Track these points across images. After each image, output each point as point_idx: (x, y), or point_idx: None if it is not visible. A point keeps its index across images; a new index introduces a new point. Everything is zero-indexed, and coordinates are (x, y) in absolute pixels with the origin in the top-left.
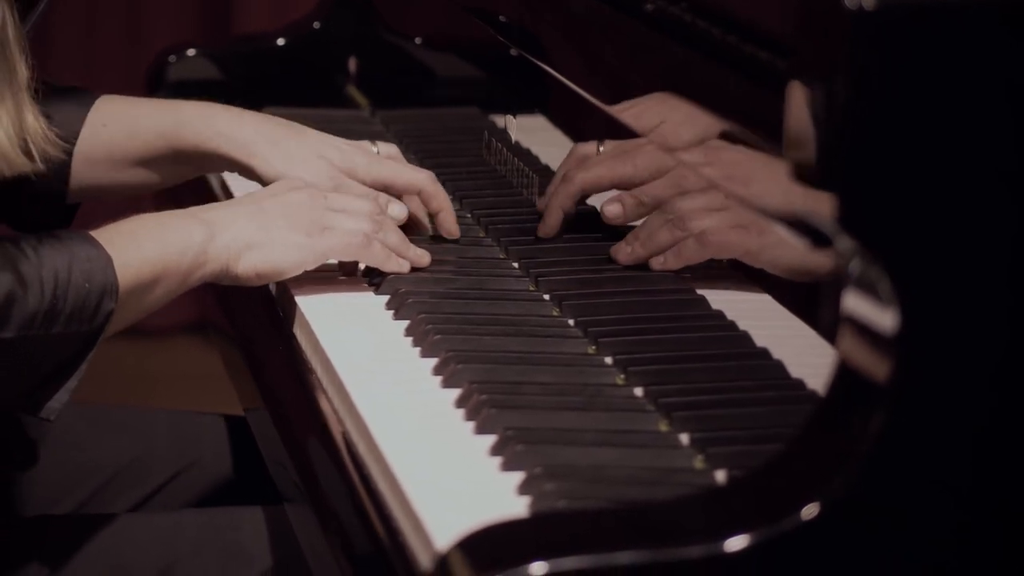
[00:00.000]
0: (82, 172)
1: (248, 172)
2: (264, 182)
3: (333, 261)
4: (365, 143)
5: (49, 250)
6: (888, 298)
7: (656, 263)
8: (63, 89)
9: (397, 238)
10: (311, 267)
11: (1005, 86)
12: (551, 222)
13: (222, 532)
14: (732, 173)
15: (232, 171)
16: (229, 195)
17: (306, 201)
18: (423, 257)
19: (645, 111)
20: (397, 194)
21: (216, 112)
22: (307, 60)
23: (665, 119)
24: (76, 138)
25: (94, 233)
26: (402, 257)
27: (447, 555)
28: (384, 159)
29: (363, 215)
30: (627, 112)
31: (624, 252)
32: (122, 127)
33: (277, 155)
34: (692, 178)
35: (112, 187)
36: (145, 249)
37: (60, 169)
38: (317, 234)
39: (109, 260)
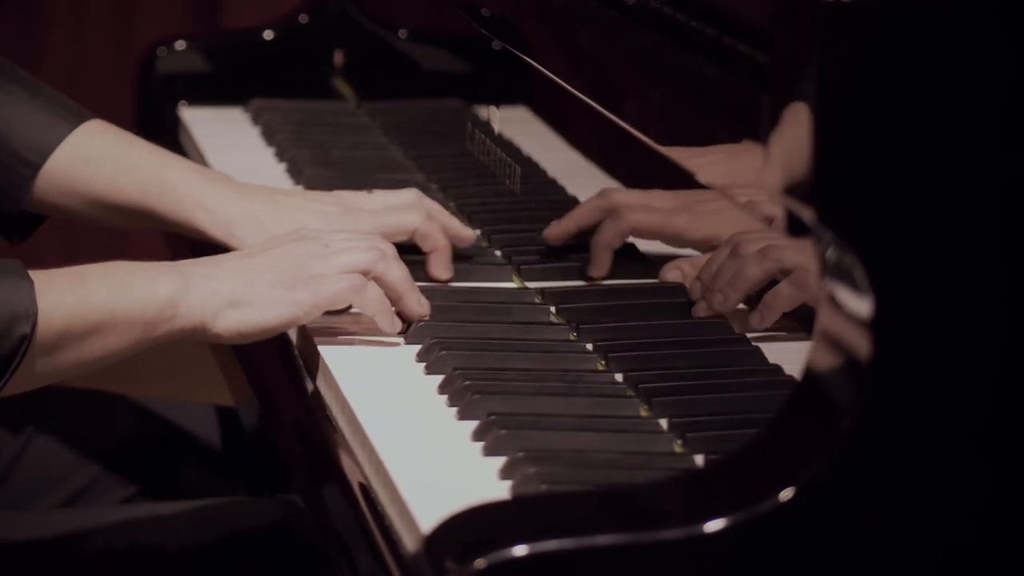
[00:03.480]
0: (49, 193)
1: (226, 248)
2: None
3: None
4: (362, 194)
5: None
6: (864, 286)
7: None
8: (51, 95)
9: (400, 274)
10: (305, 322)
11: (979, 78)
12: (602, 264)
13: (210, 520)
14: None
15: (208, 243)
16: None
17: (301, 251)
18: (423, 307)
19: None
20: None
21: (203, 182)
22: (294, 53)
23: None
24: (47, 155)
25: (38, 271)
26: (404, 296)
27: (430, 538)
28: (368, 213)
29: (363, 248)
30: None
31: (718, 301)
32: (105, 172)
33: (258, 236)
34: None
35: (79, 216)
36: (91, 293)
37: (19, 182)
38: (304, 285)
39: (30, 290)
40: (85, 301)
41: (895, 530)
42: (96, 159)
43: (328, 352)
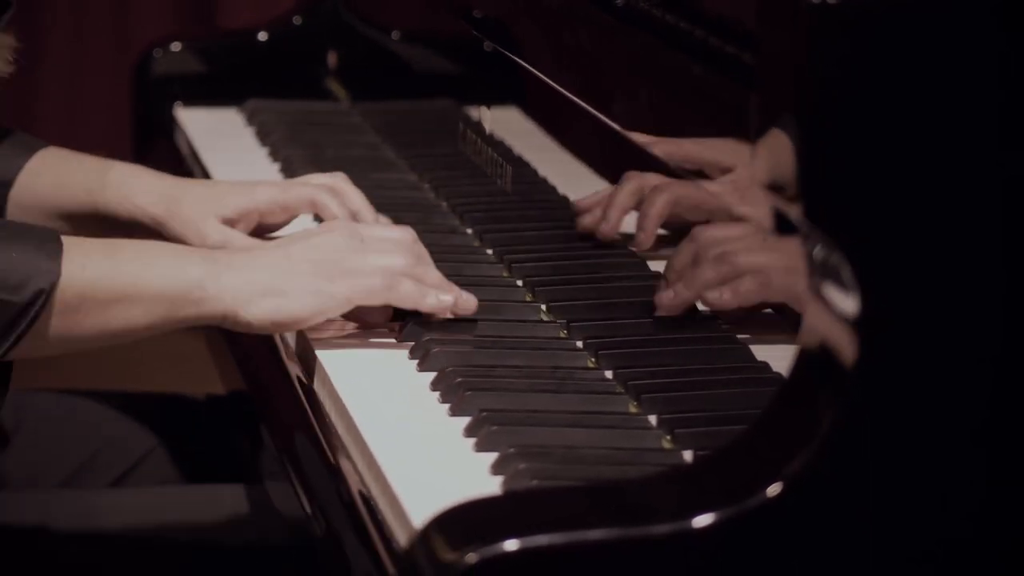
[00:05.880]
0: (16, 216)
1: (165, 233)
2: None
3: None
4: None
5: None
6: (850, 283)
7: (712, 297)
8: (10, 132)
9: (437, 276)
10: (334, 315)
11: (966, 76)
12: (651, 234)
13: (201, 508)
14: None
15: (150, 235)
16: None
17: (337, 243)
18: (469, 301)
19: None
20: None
21: (142, 171)
22: (288, 54)
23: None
24: (13, 181)
25: (75, 238)
26: (443, 296)
27: (423, 532)
28: (283, 184)
29: (398, 249)
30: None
31: (667, 297)
32: (53, 180)
33: (183, 219)
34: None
35: None
36: (120, 263)
37: None
38: (340, 278)
39: (56, 251)
40: (112, 269)
41: (885, 527)
42: (47, 170)
43: (323, 351)
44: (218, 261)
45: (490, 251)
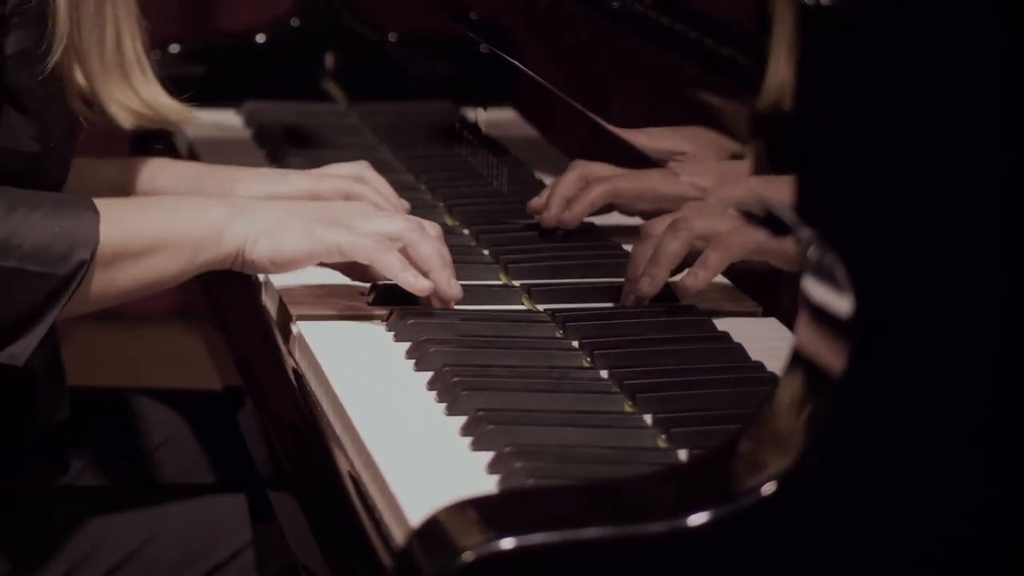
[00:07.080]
0: None
1: None
2: None
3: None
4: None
5: (30, 197)
6: (844, 283)
7: (690, 281)
8: None
9: (431, 249)
10: (325, 260)
11: (955, 78)
12: (580, 215)
13: (201, 507)
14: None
15: None
16: None
17: (348, 207)
18: (452, 288)
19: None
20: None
21: (165, 165)
22: (286, 55)
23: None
24: None
25: (103, 200)
26: (432, 271)
27: (419, 531)
28: (315, 174)
29: (402, 218)
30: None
31: (645, 284)
32: (78, 183)
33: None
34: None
35: None
36: (148, 219)
37: None
38: (333, 228)
39: (95, 216)
40: (141, 223)
41: (881, 527)
42: (71, 176)
43: (320, 350)
44: (234, 205)
45: (486, 251)
